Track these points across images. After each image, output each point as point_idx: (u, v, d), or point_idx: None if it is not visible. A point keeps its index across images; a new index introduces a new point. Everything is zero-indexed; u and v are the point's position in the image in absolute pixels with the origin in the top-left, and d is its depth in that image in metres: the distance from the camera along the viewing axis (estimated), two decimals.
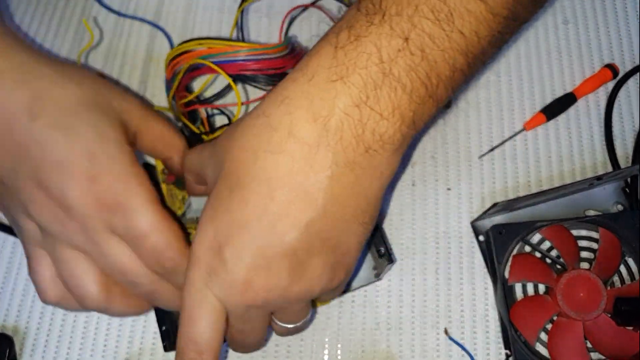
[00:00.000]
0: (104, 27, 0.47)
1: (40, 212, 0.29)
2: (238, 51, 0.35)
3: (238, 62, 0.36)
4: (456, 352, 0.39)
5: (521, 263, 0.39)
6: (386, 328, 0.39)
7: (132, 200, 0.28)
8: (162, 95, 0.45)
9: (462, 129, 0.44)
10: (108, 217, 0.28)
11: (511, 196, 0.43)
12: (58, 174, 0.28)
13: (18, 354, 0.38)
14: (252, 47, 0.35)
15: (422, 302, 0.40)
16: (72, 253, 0.29)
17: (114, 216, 0.28)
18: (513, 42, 0.47)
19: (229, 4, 0.48)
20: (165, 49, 0.47)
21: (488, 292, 0.40)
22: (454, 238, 0.41)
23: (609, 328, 0.37)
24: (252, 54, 0.35)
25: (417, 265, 0.41)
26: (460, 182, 0.43)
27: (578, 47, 0.47)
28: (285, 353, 0.39)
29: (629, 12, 0.49)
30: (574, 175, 0.43)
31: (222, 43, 0.36)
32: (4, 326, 0.39)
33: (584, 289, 0.37)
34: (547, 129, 0.45)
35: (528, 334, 0.37)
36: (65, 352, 0.38)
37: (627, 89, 0.46)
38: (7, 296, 0.40)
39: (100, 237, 0.29)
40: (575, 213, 0.42)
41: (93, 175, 0.28)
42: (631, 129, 0.45)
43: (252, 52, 0.35)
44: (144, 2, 0.48)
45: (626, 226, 0.40)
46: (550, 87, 0.46)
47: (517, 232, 0.40)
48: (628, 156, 0.44)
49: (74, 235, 0.29)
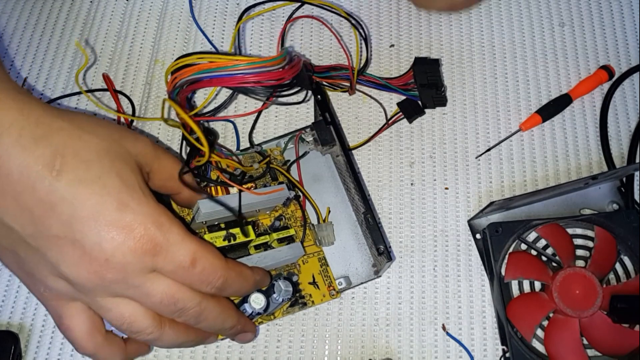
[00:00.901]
0: (107, 31, 0.48)
1: (75, 269, 0.28)
2: (237, 65, 0.36)
3: (238, 76, 0.36)
4: (454, 347, 0.39)
5: (517, 261, 0.39)
6: (385, 324, 0.40)
7: (170, 238, 0.29)
8: (166, 96, 0.46)
9: (459, 129, 0.45)
10: (150, 260, 0.29)
11: (507, 195, 0.43)
12: (92, 228, 0.28)
13: (23, 351, 0.39)
14: (251, 60, 0.36)
15: (421, 298, 0.40)
16: (114, 300, 0.30)
17: (156, 258, 0.29)
18: (510, 43, 0.48)
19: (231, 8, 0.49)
20: (169, 51, 0.48)
21: (485, 289, 0.41)
22: (452, 236, 0.42)
23: (604, 325, 0.37)
24: (251, 68, 0.36)
25: (415, 263, 0.41)
26: (458, 181, 0.44)
27: (574, 48, 0.48)
28: (286, 349, 0.39)
29: (624, 14, 0.49)
30: (570, 175, 0.44)
31: (223, 57, 0.36)
32: (9, 324, 0.39)
33: (579, 286, 0.38)
34: (542, 130, 0.45)
35: (524, 331, 0.37)
36: (69, 349, 0.39)
37: (623, 90, 0.46)
38: (12, 294, 0.40)
39: (141, 280, 0.29)
40: (571, 212, 0.42)
41: (127, 224, 0.28)
42: (626, 129, 0.45)
43: (251, 66, 0.36)
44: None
45: (621, 225, 0.40)
46: (546, 88, 0.47)
47: (513, 230, 0.40)
48: (623, 156, 0.44)
49: (113, 285, 0.29)
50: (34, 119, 0.28)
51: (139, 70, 0.47)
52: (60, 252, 0.28)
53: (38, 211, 0.28)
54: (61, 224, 0.28)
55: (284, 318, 0.40)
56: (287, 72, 0.37)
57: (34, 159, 0.28)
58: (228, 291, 0.33)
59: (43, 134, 0.28)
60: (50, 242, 0.28)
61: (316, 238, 0.40)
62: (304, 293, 0.39)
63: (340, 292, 0.39)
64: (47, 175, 0.28)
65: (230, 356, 0.39)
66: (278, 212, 0.40)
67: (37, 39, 0.48)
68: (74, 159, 0.28)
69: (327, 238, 0.40)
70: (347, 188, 0.42)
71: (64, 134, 0.29)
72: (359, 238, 0.41)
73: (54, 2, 0.49)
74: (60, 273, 0.29)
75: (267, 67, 0.36)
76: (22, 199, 0.28)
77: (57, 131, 0.29)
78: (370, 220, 0.37)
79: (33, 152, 0.28)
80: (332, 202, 0.42)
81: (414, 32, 0.48)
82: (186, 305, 0.31)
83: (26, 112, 0.29)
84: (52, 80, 0.46)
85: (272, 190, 0.38)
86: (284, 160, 0.42)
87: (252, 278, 0.34)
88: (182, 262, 0.29)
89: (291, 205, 0.41)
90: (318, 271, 0.39)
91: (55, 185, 0.28)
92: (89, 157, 0.29)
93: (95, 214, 0.28)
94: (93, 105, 0.45)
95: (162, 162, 0.33)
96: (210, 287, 0.31)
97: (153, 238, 0.28)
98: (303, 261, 0.39)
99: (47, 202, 0.28)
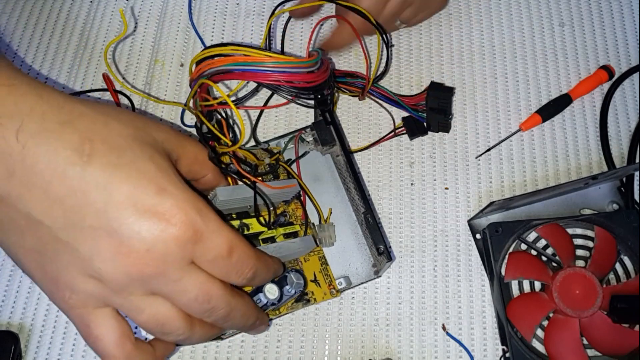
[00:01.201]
0: (108, 31, 0.48)
1: (111, 264, 0.26)
2: (272, 62, 0.36)
3: (271, 73, 0.36)
4: (454, 347, 0.39)
5: (517, 261, 0.39)
6: (385, 324, 0.40)
7: (209, 225, 0.28)
8: (167, 96, 0.46)
9: (459, 129, 0.45)
10: (191, 249, 0.27)
11: (507, 195, 0.43)
12: (129, 215, 0.26)
13: (23, 351, 0.39)
14: (286, 60, 0.36)
15: (421, 298, 0.40)
16: (148, 299, 0.28)
17: (196, 246, 0.27)
18: (510, 43, 0.48)
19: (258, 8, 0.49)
20: (169, 51, 0.48)
21: (485, 289, 0.41)
22: (452, 236, 0.42)
23: (604, 325, 0.37)
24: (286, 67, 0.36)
25: (415, 263, 0.41)
26: (458, 181, 0.44)
27: (574, 48, 0.48)
28: (286, 349, 0.39)
29: (624, 14, 0.49)
30: (570, 175, 0.44)
31: (259, 53, 0.36)
32: (9, 324, 0.39)
33: (579, 286, 0.38)
34: (542, 130, 0.45)
35: (524, 331, 0.37)
36: (70, 350, 0.39)
37: (623, 90, 0.46)
38: (12, 294, 0.40)
39: (180, 273, 0.27)
40: (571, 212, 0.42)
41: (167, 210, 0.26)
42: (626, 129, 0.45)
43: (286, 65, 0.36)
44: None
45: (621, 225, 0.40)
46: (546, 88, 0.47)
47: (513, 230, 0.40)
48: (623, 156, 0.44)
49: (152, 280, 0.27)
50: (55, 104, 0.27)
51: (139, 70, 0.47)
52: (96, 245, 0.26)
53: (70, 201, 0.26)
54: (96, 212, 0.26)
55: (284, 318, 0.40)
56: (319, 75, 0.38)
57: (62, 144, 0.26)
58: (255, 281, 0.31)
59: (67, 119, 0.26)
60: (85, 234, 0.26)
61: (316, 237, 0.40)
62: (307, 290, 0.39)
63: (341, 291, 0.39)
64: (77, 161, 0.26)
65: (230, 356, 0.39)
66: (280, 209, 0.40)
67: (37, 39, 0.48)
68: (104, 144, 0.27)
69: (328, 239, 0.40)
70: (347, 188, 0.42)
71: (88, 120, 0.27)
72: (359, 238, 0.41)
73: (54, 2, 0.49)
74: (92, 271, 0.27)
75: (301, 68, 0.36)
76: (52, 188, 0.26)
77: (81, 117, 0.27)
78: (370, 220, 0.37)
79: (60, 137, 0.26)
80: (332, 202, 0.42)
81: (414, 32, 0.48)
82: (218, 304, 0.29)
83: (46, 96, 0.27)
84: (52, 81, 0.46)
85: (285, 185, 0.38)
86: (284, 159, 0.42)
87: (274, 268, 0.33)
88: (221, 251, 0.28)
89: (292, 203, 0.41)
90: (319, 270, 0.39)
91: (88, 170, 0.26)
92: (119, 142, 0.27)
93: (133, 200, 0.26)
94: None
95: (186, 147, 0.32)
96: (242, 278, 0.30)
97: (194, 224, 0.27)
98: (305, 259, 0.39)
99: (80, 190, 0.26)
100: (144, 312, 0.28)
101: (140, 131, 0.29)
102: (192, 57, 0.38)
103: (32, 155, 0.25)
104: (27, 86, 0.27)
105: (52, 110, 0.26)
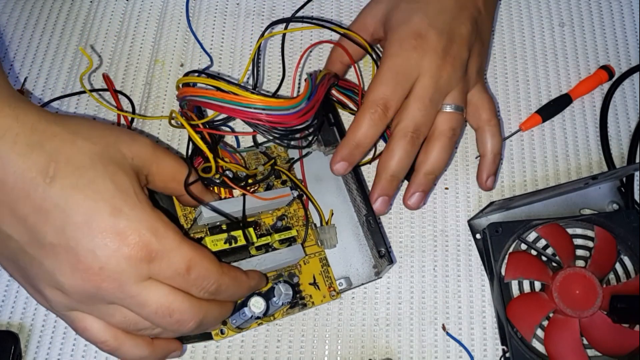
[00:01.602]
0: (108, 30, 0.48)
1: (70, 278, 0.28)
2: (249, 105, 0.34)
3: (249, 112, 0.35)
4: (454, 347, 0.39)
5: (517, 261, 0.39)
6: (385, 324, 0.40)
7: (165, 244, 0.29)
8: (167, 96, 0.46)
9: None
10: (145, 267, 0.28)
11: (507, 195, 0.43)
12: (85, 235, 0.27)
13: (23, 351, 0.39)
14: (265, 102, 0.34)
15: (421, 298, 0.40)
16: (113, 307, 0.29)
17: (152, 264, 0.28)
18: (510, 43, 0.48)
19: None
20: (169, 51, 0.48)
21: (485, 289, 0.41)
22: (452, 236, 0.42)
23: (604, 325, 0.37)
24: (264, 110, 0.34)
25: (415, 263, 0.41)
26: (458, 181, 0.44)
27: (574, 48, 0.48)
28: (286, 349, 0.39)
29: (624, 14, 0.49)
30: (570, 175, 0.44)
31: (233, 90, 0.35)
32: (9, 324, 0.39)
33: (579, 286, 0.38)
34: (542, 130, 0.45)
35: (524, 331, 0.37)
36: (70, 350, 0.39)
37: (623, 90, 0.47)
38: (12, 294, 0.40)
39: (137, 289, 0.29)
40: (571, 212, 0.42)
41: (121, 231, 0.28)
42: (626, 129, 0.45)
43: (265, 109, 0.34)
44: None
45: (622, 225, 0.40)
46: (546, 88, 0.47)
47: (513, 230, 0.40)
48: (623, 156, 0.44)
49: (108, 293, 0.28)
50: (29, 126, 0.28)
51: (139, 70, 0.47)
52: (56, 261, 0.28)
53: (32, 219, 0.28)
54: (55, 231, 0.27)
55: (284, 318, 0.40)
56: (304, 116, 0.36)
57: (28, 166, 0.28)
58: (222, 296, 0.32)
59: (37, 140, 0.28)
60: (46, 250, 0.28)
61: (317, 239, 0.40)
62: (305, 294, 0.39)
63: (341, 292, 0.39)
64: (40, 182, 0.27)
65: (230, 356, 0.39)
66: (281, 211, 0.40)
67: (37, 39, 0.48)
68: (67, 165, 0.28)
69: (329, 241, 0.40)
70: (349, 189, 0.42)
71: (58, 140, 0.29)
72: (360, 239, 0.41)
73: (54, 2, 0.49)
74: (56, 283, 0.28)
75: (281, 111, 0.35)
76: (18, 207, 0.28)
77: (51, 137, 0.29)
78: (372, 223, 0.37)
79: (28, 159, 0.28)
80: (333, 203, 0.42)
81: None
82: (183, 317, 0.30)
83: (22, 118, 0.28)
84: (52, 81, 0.46)
85: (277, 196, 0.38)
86: (287, 157, 0.42)
87: (247, 283, 0.34)
88: (178, 269, 0.29)
89: (294, 204, 0.40)
90: (319, 272, 0.39)
91: (49, 191, 0.27)
92: (82, 162, 0.29)
93: (89, 220, 0.28)
94: (93, 106, 0.45)
95: (162, 163, 0.33)
96: (204, 292, 0.31)
97: (148, 244, 0.28)
98: (304, 261, 0.39)
99: (42, 209, 0.27)
100: (114, 317, 0.30)
101: (110, 147, 0.30)
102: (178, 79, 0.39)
103: (2, 174, 0.27)
104: (8, 107, 0.28)
105: (24, 132, 0.28)
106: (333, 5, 0.49)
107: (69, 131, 0.29)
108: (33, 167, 0.28)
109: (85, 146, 0.29)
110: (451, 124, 0.39)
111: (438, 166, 0.39)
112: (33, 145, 0.28)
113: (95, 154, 0.29)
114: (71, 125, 0.30)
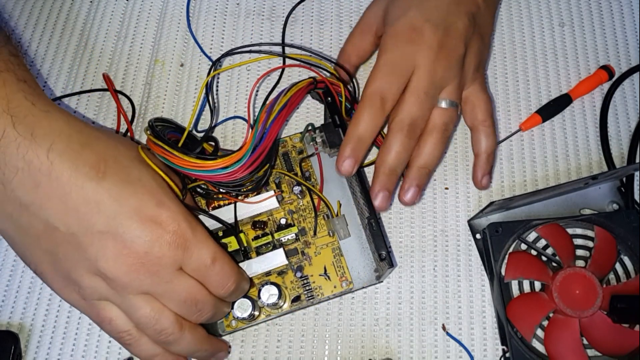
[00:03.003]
0: (108, 28, 0.48)
1: (113, 263, 0.30)
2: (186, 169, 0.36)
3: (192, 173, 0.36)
4: (454, 347, 0.39)
5: (517, 261, 0.39)
6: (385, 324, 0.40)
7: (198, 236, 0.32)
8: (167, 96, 0.46)
9: (459, 129, 0.45)
10: (180, 254, 0.31)
11: (507, 195, 0.43)
12: (134, 222, 0.31)
13: (23, 351, 0.39)
14: (201, 166, 0.35)
15: (421, 299, 0.40)
16: (143, 298, 0.32)
17: (186, 252, 0.32)
18: (510, 43, 0.48)
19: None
20: (169, 51, 0.48)
21: (485, 289, 0.41)
22: (452, 236, 0.42)
23: (604, 325, 0.37)
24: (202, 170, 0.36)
25: (415, 263, 0.41)
26: (458, 181, 0.44)
27: (574, 48, 0.48)
28: (286, 349, 0.39)
29: (624, 14, 0.49)
30: (569, 175, 0.44)
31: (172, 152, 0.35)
32: (9, 324, 0.39)
33: (579, 286, 0.38)
34: (542, 130, 0.45)
35: (524, 331, 0.37)
36: (69, 350, 0.39)
37: (623, 90, 0.46)
38: (12, 294, 0.40)
39: (172, 275, 0.32)
40: (571, 212, 0.42)
41: (164, 220, 0.31)
42: (626, 129, 0.45)
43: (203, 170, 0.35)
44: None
45: (622, 225, 0.40)
46: (546, 88, 0.47)
47: (513, 230, 0.40)
48: (623, 156, 0.44)
49: (146, 279, 0.31)
50: (77, 128, 0.32)
51: (139, 70, 0.47)
52: (102, 247, 0.30)
53: (84, 209, 0.30)
54: (106, 219, 0.30)
55: (284, 318, 0.40)
56: (250, 168, 0.36)
57: (82, 162, 0.31)
58: (234, 296, 0.36)
59: (87, 141, 0.32)
60: (93, 237, 0.30)
61: (330, 229, 0.40)
62: (314, 285, 0.39)
63: (351, 283, 0.40)
64: (94, 176, 0.31)
65: (231, 356, 0.39)
66: (293, 204, 0.40)
67: (37, 39, 0.48)
68: (116, 163, 0.32)
69: (341, 231, 0.40)
70: (353, 192, 0.42)
71: (103, 143, 0.33)
72: (363, 242, 0.41)
73: (54, 2, 0.49)
74: (97, 269, 0.31)
75: (217, 171, 0.36)
76: (70, 198, 0.30)
77: (97, 140, 0.32)
78: (374, 226, 0.37)
79: (81, 156, 0.31)
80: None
81: None
82: (205, 307, 0.33)
83: (72, 122, 0.32)
84: (52, 81, 0.46)
85: (262, 199, 0.39)
86: (302, 147, 0.42)
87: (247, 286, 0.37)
88: (205, 260, 0.32)
89: (306, 196, 0.41)
90: (331, 262, 0.40)
91: (103, 184, 0.31)
92: (127, 162, 0.33)
93: (138, 210, 0.31)
94: (93, 106, 0.45)
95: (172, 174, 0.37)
96: (223, 290, 0.34)
97: (184, 233, 0.32)
98: (315, 253, 0.40)
99: (94, 200, 0.30)
100: (140, 310, 0.32)
101: (139, 152, 0.35)
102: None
103: (57, 170, 0.30)
104: (59, 113, 0.32)
105: (75, 133, 0.32)
106: (333, 5, 0.49)
107: (110, 137, 0.34)
108: (87, 163, 0.31)
109: (126, 150, 0.33)
110: (444, 119, 0.39)
111: (431, 160, 0.39)
112: (84, 144, 0.32)
113: (134, 157, 0.34)
114: (109, 133, 0.35)
